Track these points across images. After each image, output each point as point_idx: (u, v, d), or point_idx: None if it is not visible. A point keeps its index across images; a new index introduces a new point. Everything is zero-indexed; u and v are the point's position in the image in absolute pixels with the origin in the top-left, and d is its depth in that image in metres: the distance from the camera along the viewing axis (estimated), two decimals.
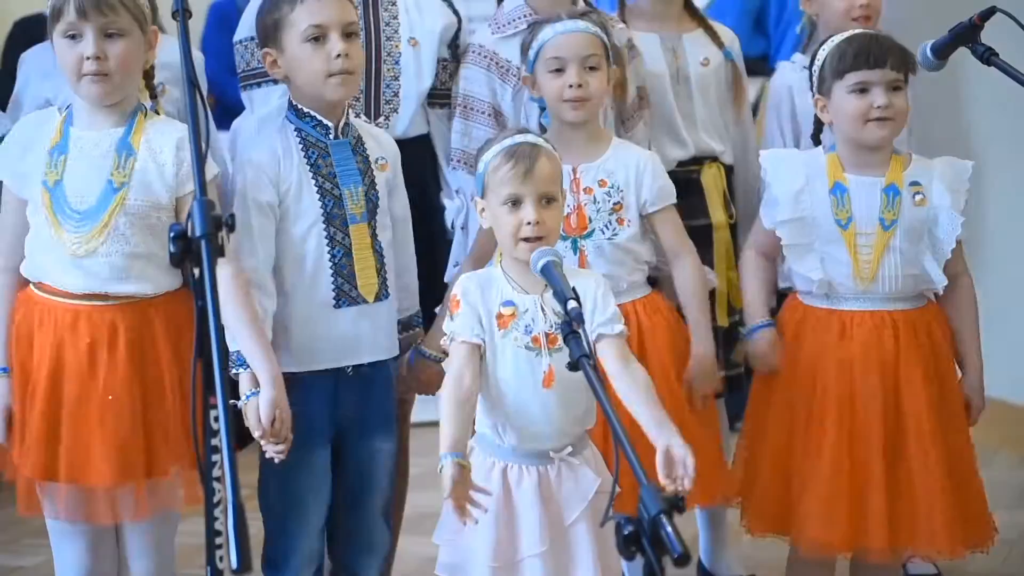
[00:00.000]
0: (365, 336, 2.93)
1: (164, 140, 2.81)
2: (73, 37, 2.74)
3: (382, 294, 2.95)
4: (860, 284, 3.00)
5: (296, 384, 2.90)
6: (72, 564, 2.82)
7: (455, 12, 3.34)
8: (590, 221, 3.06)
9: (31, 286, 2.81)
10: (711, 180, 3.46)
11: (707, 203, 3.45)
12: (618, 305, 3.02)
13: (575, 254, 3.05)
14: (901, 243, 3.00)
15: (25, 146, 2.80)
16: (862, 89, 2.99)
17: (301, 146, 2.93)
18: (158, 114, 2.91)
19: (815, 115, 3.14)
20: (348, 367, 2.93)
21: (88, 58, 2.72)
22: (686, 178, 3.39)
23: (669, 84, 3.43)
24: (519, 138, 2.76)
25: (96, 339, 2.75)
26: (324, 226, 2.91)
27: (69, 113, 2.81)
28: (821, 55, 3.07)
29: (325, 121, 2.92)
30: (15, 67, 3.27)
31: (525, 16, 3.28)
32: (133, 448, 2.72)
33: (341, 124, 2.94)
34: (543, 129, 3.14)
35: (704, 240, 3.40)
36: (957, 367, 3.15)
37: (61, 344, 2.75)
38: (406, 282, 3.06)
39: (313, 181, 2.91)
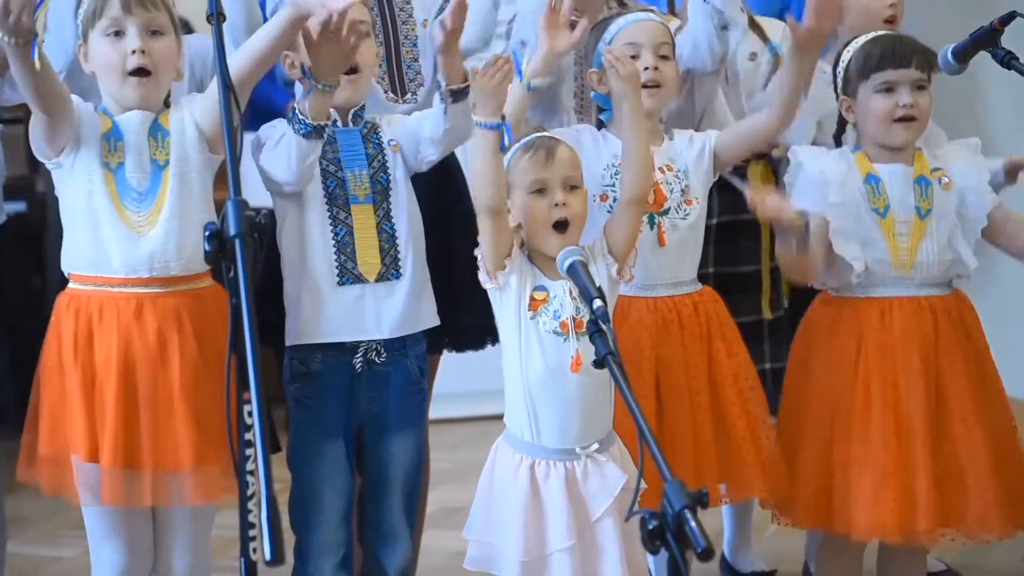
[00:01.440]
0: (369, 314, 2.93)
1: (185, 108, 2.84)
2: (117, 34, 2.73)
3: (389, 274, 2.95)
4: (900, 272, 2.98)
5: (312, 380, 2.93)
6: (110, 562, 2.81)
7: None
8: (668, 197, 3.05)
9: (78, 288, 2.78)
10: (758, 177, 3.46)
11: None
12: (682, 295, 3.07)
13: (652, 228, 3.03)
14: (939, 231, 2.99)
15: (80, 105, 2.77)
16: (888, 89, 2.98)
17: None
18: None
19: (838, 115, 3.12)
20: (358, 361, 2.93)
21: (133, 52, 2.71)
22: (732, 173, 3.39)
23: (716, 82, 3.42)
24: (536, 134, 2.79)
25: (163, 325, 2.74)
26: (327, 206, 2.93)
27: (107, 112, 2.80)
28: (846, 56, 3.06)
29: (331, 111, 2.94)
30: None
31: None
32: (210, 432, 2.70)
33: (351, 114, 2.97)
34: (601, 125, 3.14)
35: (750, 233, 3.43)
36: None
37: (129, 334, 2.73)
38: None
39: (317, 165, 2.94)
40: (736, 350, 3.11)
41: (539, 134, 2.80)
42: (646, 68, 3.01)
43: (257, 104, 3.43)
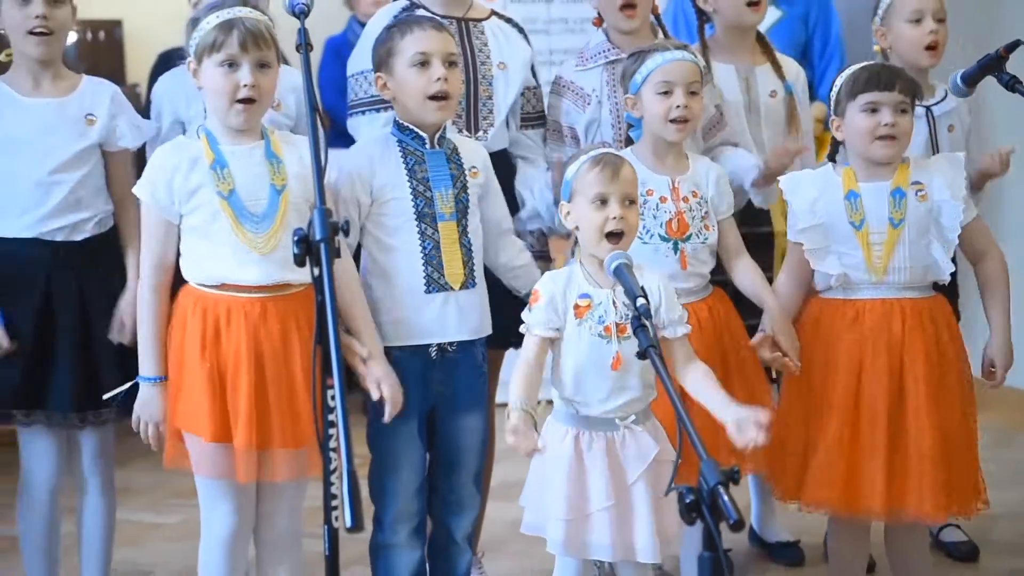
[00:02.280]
0: (451, 318, 2.96)
1: (300, 147, 2.84)
2: (231, 66, 2.75)
3: (468, 283, 2.97)
4: (873, 277, 2.99)
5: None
6: (221, 524, 2.84)
7: (526, 39, 3.37)
8: (690, 225, 3.07)
9: (203, 289, 2.79)
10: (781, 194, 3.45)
11: (769, 213, 3.45)
12: (699, 301, 3.11)
13: (676, 253, 3.06)
14: (910, 237, 2.98)
15: (169, 173, 2.78)
16: (872, 109, 2.97)
17: (401, 154, 2.97)
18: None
19: (831, 136, 3.12)
20: (433, 350, 2.95)
21: (245, 86, 2.74)
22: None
23: (743, 111, 3.43)
24: (603, 149, 2.81)
25: (285, 324, 2.77)
26: (416, 222, 2.94)
27: (209, 134, 2.81)
28: (839, 81, 3.06)
29: (421, 134, 2.96)
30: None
31: (605, 52, 3.32)
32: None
33: (436, 136, 2.98)
34: (629, 141, 3.16)
35: (765, 245, 3.42)
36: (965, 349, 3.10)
37: (257, 332, 2.75)
38: (522, 264, 3.07)
39: (408, 184, 2.95)
40: (743, 343, 3.12)
41: (607, 150, 2.81)
42: (678, 106, 3.03)
43: (339, 123, 3.47)
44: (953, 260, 3.04)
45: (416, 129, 2.96)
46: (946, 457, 2.94)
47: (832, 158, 3.15)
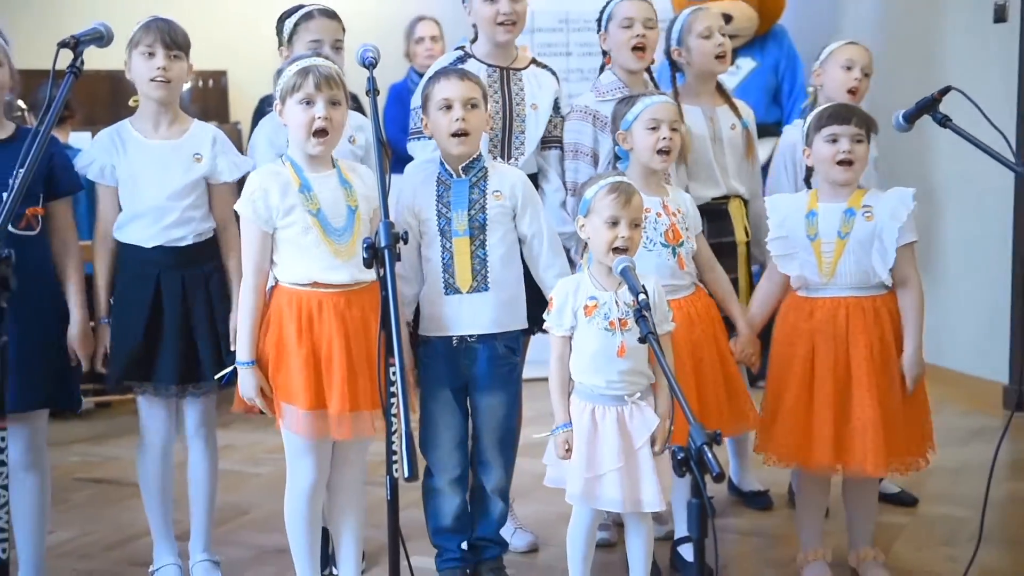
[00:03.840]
0: (464, 316, 2.97)
1: (362, 175, 2.87)
2: (308, 103, 2.77)
3: (479, 287, 2.97)
4: (824, 279, 3.00)
5: (427, 345, 3.00)
6: (303, 475, 2.85)
7: (557, 79, 3.38)
8: (682, 233, 3.09)
9: (296, 287, 2.79)
10: (735, 210, 3.46)
11: (732, 226, 3.45)
12: (690, 296, 3.12)
13: (675, 257, 3.07)
14: (854, 249, 2.98)
15: (264, 192, 2.79)
16: (833, 139, 2.98)
17: (435, 183, 3.00)
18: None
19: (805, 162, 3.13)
20: (454, 339, 2.99)
21: (319, 118, 2.75)
22: (718, 208, 3.42)
23: (708, 143, 3.44)
24: (619, 178, 2.82)
25: (364, 311, 2.79)
26: (440, 237, 2.97)
27: (293, 163, 2.83)
28: (809, 118, 3.08)
29: (447, 167, 2.99)
30: None
31: (620, 88, 3.33)
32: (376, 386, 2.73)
33: (461, 167, 2.99)
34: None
35: (730, 251, 3.43)
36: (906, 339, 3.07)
37: (345, 318, 2.77)
38: (551, 287, 2.99)
39: (435, 207, 2.98)
40: (723, 334, 3.15)
41: (621, 178, 2.81)
42: (664, 138, 3.04)
43: (399, 153, 3.50)
44: None
45: (445, 163, 2.99)
46: (888, 426, 2.94)
47: (807, 182, 3.16)
